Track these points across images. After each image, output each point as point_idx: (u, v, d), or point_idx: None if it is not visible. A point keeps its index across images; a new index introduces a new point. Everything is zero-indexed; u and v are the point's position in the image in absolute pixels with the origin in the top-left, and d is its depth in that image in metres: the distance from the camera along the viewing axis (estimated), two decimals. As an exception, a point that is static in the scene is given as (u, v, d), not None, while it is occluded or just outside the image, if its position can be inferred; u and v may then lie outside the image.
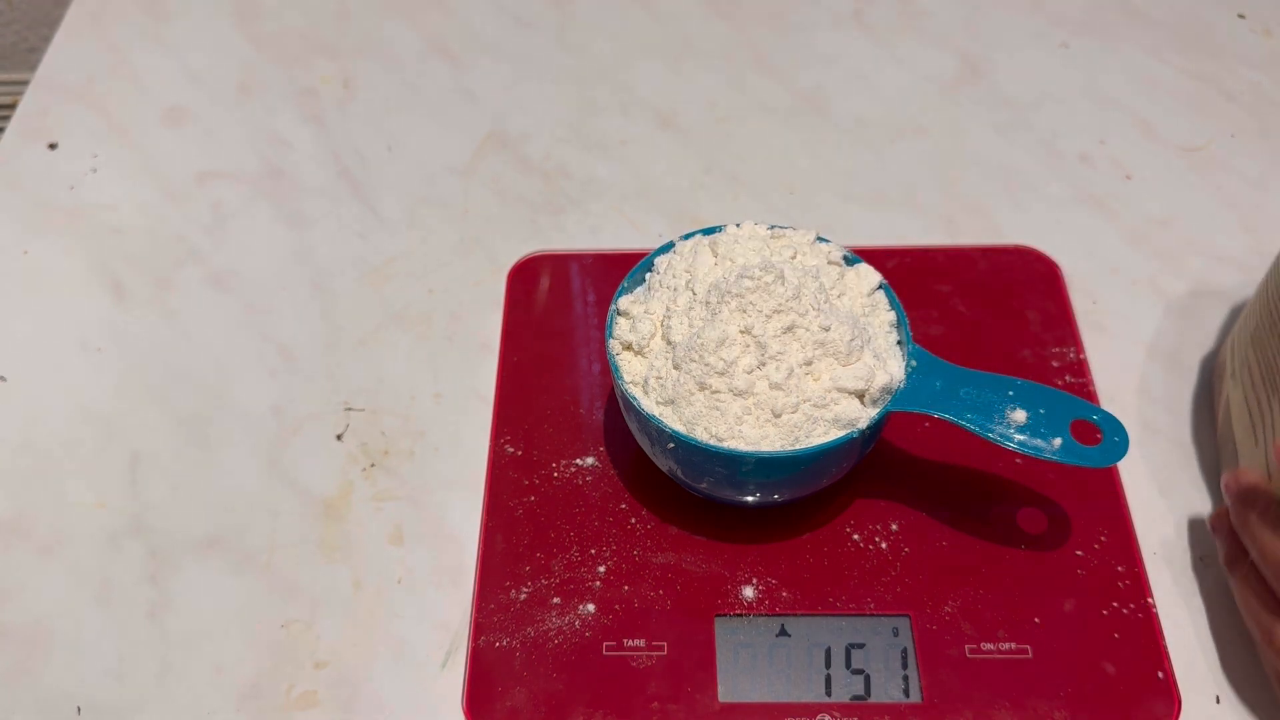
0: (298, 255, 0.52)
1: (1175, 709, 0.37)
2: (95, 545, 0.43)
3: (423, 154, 0.56)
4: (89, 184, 0.55)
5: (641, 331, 0.38)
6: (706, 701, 0.37)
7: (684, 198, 0.54)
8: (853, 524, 0.41)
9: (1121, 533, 0.41)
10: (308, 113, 0.58)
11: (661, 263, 0.40)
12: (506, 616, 0.40)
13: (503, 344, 0.47)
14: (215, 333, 0.49)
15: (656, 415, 0.37)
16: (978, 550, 0.41)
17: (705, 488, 0.39)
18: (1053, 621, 0.39)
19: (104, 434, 0.46)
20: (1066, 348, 0.46)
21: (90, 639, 0.40)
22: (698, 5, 0.63)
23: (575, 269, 0.50)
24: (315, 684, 0.39)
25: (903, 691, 0.37)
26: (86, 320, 0.50)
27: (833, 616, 0.39)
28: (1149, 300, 0.49)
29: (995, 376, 0.39)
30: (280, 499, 0.44)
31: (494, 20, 0.63)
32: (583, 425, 0.45)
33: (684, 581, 0.40)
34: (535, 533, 0.42)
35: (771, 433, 0.36)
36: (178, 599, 0.41)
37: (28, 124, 0.58)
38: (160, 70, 0.61)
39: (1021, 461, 0.42)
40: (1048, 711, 0.37)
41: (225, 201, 0.54)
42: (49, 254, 0.52)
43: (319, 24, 0.63)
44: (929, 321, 0.47)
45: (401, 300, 0.50)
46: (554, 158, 0.56)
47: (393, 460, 0.45)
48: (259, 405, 0.46)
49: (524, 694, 0.38)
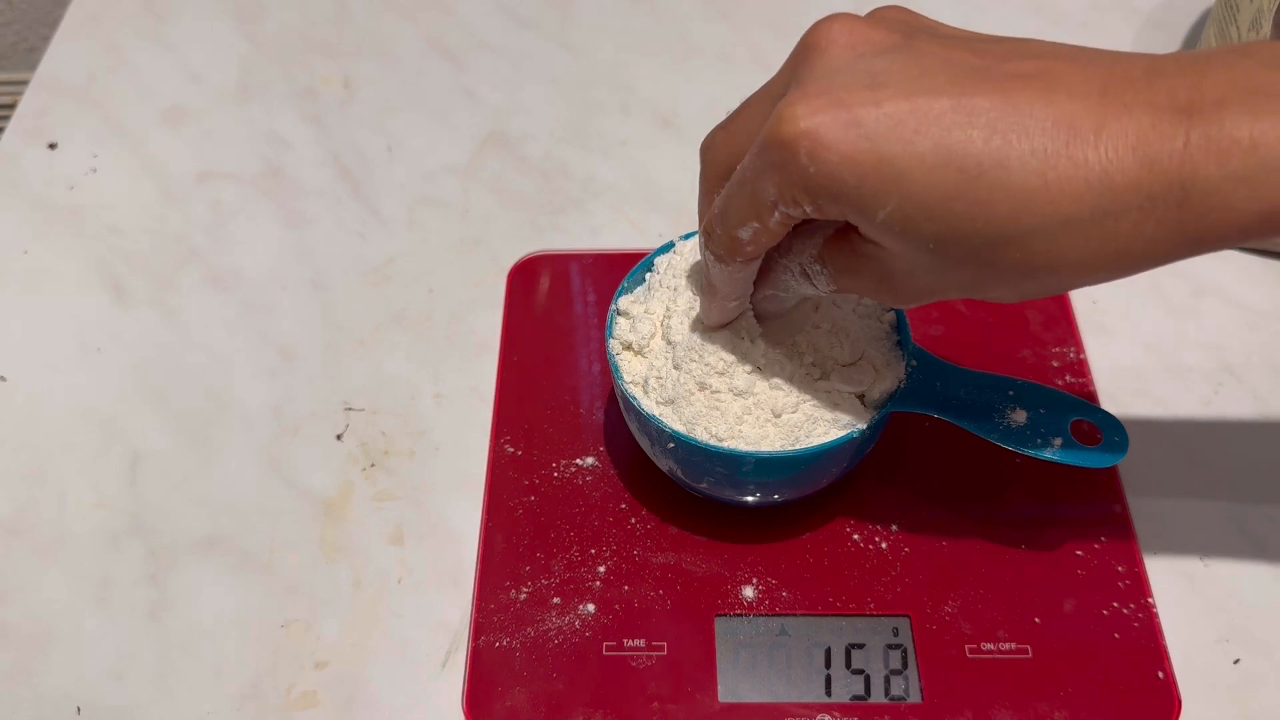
0: (298, 255, 0.52)
1: (1175, 709, 0.37)
2: (95, 545, 0.43)
3: (423, 154, 0.56)
4: (89, 184, 0.55)
5: (641, 331, 0.38)
6: (706, 701, 0.37)
7: (684, 198, 0.54)
8: (853, 524, 0.41)
9: (1121, 533, 0.41)
10: (308, 113, 0.58)
11: (661, 263, 0.40)
12: (506, 616, 0.40)
13: (503, 344, 0.48)
14: (215, 333, 0.49)
15: (656, 415, 0.37)
16: (978, 550, 0.41)
17: (705, 488, 0.39)
18: (1053, 621, 0.39)
19: (104, 434, 0.46)
20: (1066, 348, 0.46)
21: (90, 639, 0.40)
22: (698, 5, 0.63)
23: (575, 269, 0.50)
24: (315, 684, 0.39)
25: (903, 691, 0.37)
26: (86, 320, 0.50)
27: (833, 616, 0.39)
28: (1149, 300, 0.49)
29: (995, 376, 0.39)
30: (280, 499, 0.44)
31: (494, 20, 0.63)
32: (583, 425, 0.45)
33: (684, 581, 0.40)
34: (535, 533, 0.42)
35: (771, 433, 0.36)
36: (178, 599, 0.41)
37: (27, 124, 0.58)
38: (160, 70, 0.61)
39: (1021, 461, 0.42)
40: (1048, 711, 0.37)
41: (225, 201, 0.54)
42: (49, 254, 0.52)
43: (319, 24, 0.63)
44: (929, 321, 0.47)
45: (401, 300, 0.50)
46: (554, 158, 0.56)
47: (393, 460, 0.45)
48: (259, 405, 0.46)
49: (524, 694, 0.38)
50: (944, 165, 0.26)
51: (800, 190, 0.28)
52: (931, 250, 0.28)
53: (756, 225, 0.30)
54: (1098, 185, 0.26)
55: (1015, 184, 0.26)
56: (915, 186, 0.27)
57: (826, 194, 0.28)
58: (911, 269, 0.29)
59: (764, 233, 0.30)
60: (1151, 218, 0.26)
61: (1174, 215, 0.25)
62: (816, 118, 0.27)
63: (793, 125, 0.27)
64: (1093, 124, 0.26)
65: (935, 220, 0.27)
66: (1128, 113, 0.26)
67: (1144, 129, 0.25)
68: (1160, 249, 0.26)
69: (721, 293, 0.35)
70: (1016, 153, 0.26)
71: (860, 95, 0.27)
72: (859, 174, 0.27)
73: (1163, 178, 0.25)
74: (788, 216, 0.29)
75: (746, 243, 0.31)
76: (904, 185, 0.27)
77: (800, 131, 0.27)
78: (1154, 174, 0.25)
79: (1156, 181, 0.25)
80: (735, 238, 0.31)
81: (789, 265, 0.34)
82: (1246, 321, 0.48)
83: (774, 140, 0.28)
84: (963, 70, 0.27)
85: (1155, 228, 0.26)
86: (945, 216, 0.27)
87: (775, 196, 0.29)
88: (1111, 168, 0.25)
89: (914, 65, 0.28)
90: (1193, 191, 0.25)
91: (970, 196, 0.26)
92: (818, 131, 0.27)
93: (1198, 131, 0.25)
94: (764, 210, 0.30)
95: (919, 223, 0.27)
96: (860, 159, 0.27)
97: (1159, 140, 0.25)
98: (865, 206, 0.28)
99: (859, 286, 0.32)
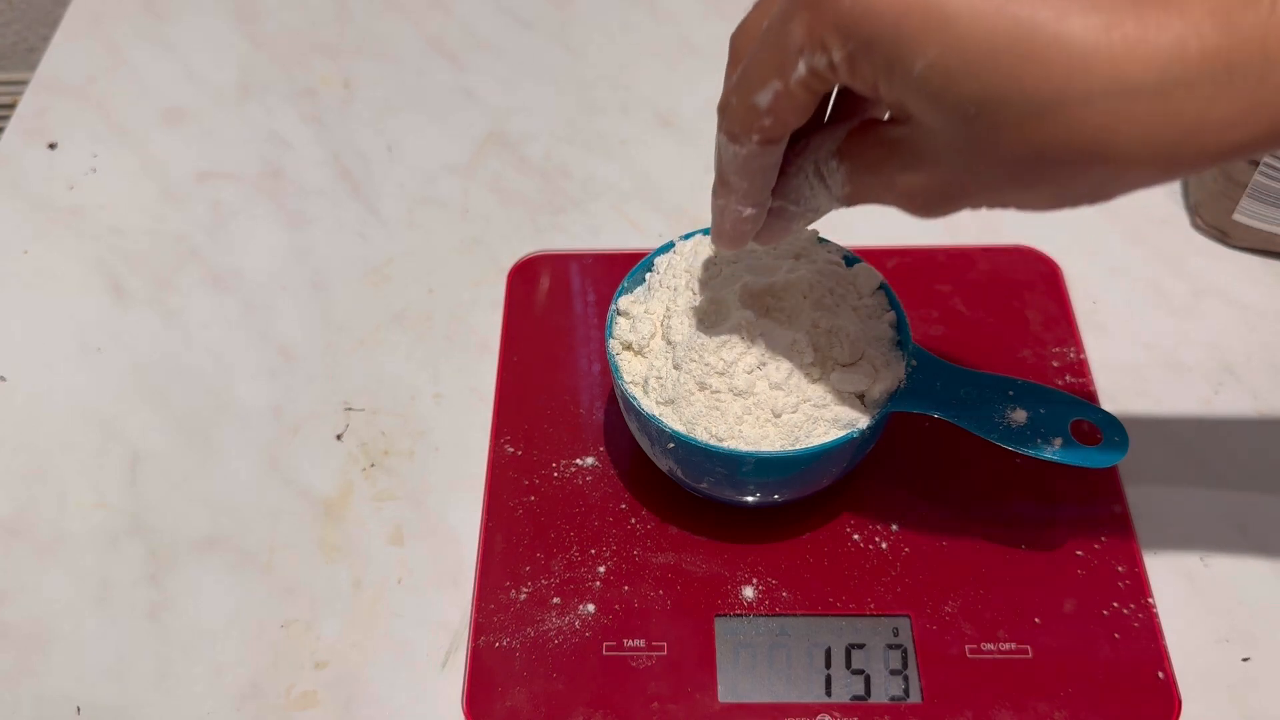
0: (298, 255, 0.52)
1: (1175, 709, 0.37)
2: (95, 545, 0.43)
3: (423, 154, 0.56)
4: (89, 184, 0.55)
5: (641, 331, 0.38)
6: (706, 702, 0.37)
7: (684, 198, 0.54)
8: (853, 524, 0.41)
9: (1121, 533, 0.41)
10: (308, 113, 0.58)
11: (661, 263, 0.40)
12: (506, 616, 0.40)
13: (503, 344, 0.48)
14: (215, 333, 0.49)
15: (656, 415, 0.37)
16: (978, 550, 0.41)
17: (705, 488, 0.39)
18: (1053, 621, 0.39)
19: (104, 434, 0.46)
20: (1066, 348, 0.46)
21: (90, 639, 0.40)
22: (698, 5, 0.63)
23: (575, 269, 0.50)
24: (315, 684, 0.39)
25: (903, 691, 0.37)
26: (86, 320, 0.50)
27: (833, 617, 0.39)
28: (1149, 300, 0.49)
29: (995, 376, 0.39)
30: (280, 499, 0.44)
31: (494, 20, 0.63)
32: (583, 425, 0.45)
33: (684, 581, 0.40)
34: (535, 533, 0.42)
35: (771, 433, 0.36)
36: (178, 599, 0.41)
37: (27, 124, 0.58)
38: (160, 70, 0.61)
39: (1021, 461, 0.42)
40: (1048, 711, 0.37)
41: (225, 201, 0.54)
42: (49, 254, 0.52)
43: (319, 24, 0.63)
44: (929, 321, 0.47)
45: (401, 300, 0.50)
46: (554, 158, 0.56)
47: (393, 460, 0.45)
48: (259, 405, 0.46)
49: (524, 694, 0.38)
50: (996, 12, 0.23)
51: (832, 30, 0.25)
52: (971, 119, 0.25)
53: (778, 85, 0.27)
54: (1169, 50, 0.22)
55: (1075, 39, 0.23)
56: (961, 33, 0.23)
57: (860, 35, 0.25)
58: (940, 154, 0.26)
59: (785, 96, 0.27)
60: (1227, 92, 0.22)
61: (1254, 91, 0.22)
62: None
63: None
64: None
65: (979, 77, 0.24)
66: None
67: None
68: (1233, 134, 0.23)
69: (735, 187, 0.31)
70: (1078, 4, 0.23)
71: None
72: (900, 11, 0.24)
73: (1244, 45, 0.22)
74: (813, 74, 0.26)
75: (765, 112, 0.28)
76: (949, 31, 0.24)
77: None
78: (1234, 41, 0.22)
79: (1236, 49, 0.22)
80: (752, 105, 0.28)
81: (804, 165, 0.31)
82: (1246, 321, 0.48)
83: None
84: None
85: (1230, 105, 0.23)
86: (992, 73, 0.24)
87: (803, 40, 0.26)
88: (1186, 31, 0.22)
89: None
90: (1278, 64, 0.22)
91: (1022, 50, 0.23)
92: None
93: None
94: (788, 61, 0.26)
95: (961, 79, 0.24)
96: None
97: (1242, 4, 0.22)
98: (903, 54, 0.24)
99: (878, 187, 0.29)
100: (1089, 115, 0.23)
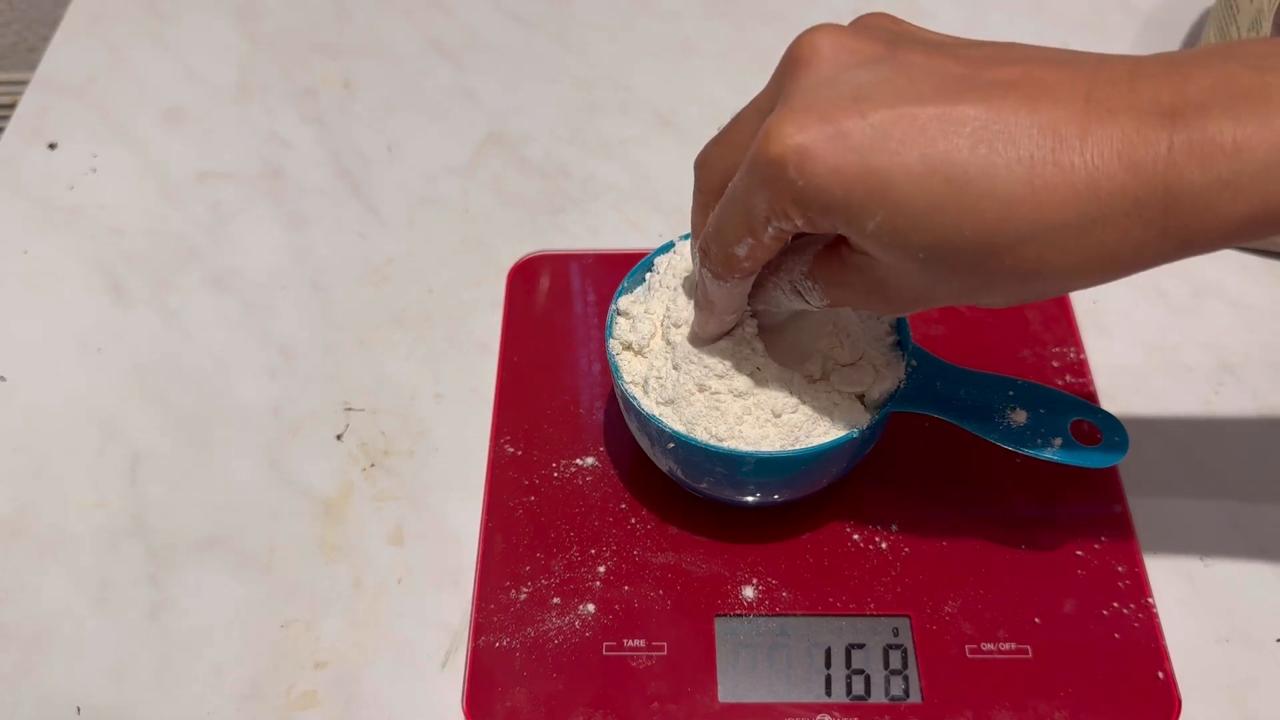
0: (298, 255, 0.52)
1: (1175, 709, 0.37)
2: (95, 545, 0.43)
3: (423, 154, 0.56)
4: (89, 184, 0.55)
5: (641, 331, 0.38)
6: (706, 702, 0.37)
7: (684, 198, 0.53)
8: (853, 524, 0.41)
9: (1121, 533, 0.41)
10: (308, 113, 0.58)
11: (661, 263, 0.40)
12: (506, 616, 0.40)
13: (503, 344, 0.48)
14: (215, 333, 0.49)
15: (656, 415, 0.37)
16: (978, 550, 0.41)
17: (705, 488, 0.39)
18: (1053, 621, 0.39)
19: (104, 434, 0.46)
20: (1066, 348, 0.46)
21: (90, 639, 0.40)
22: (698, 5, 0.63)
23: (575, 269, 0.50)
24: (315, 684, 0.39)
25: (903, 691, 0.37)
26: (86, 320, 0.50)
27: (832, 617, 0.39)
28: (1149, 300, 0.49)
29: (995, 376, 0.39)
30: (280, 499, 0.44)
31: (494, 20, 0.63)
32: (583, 425, 0.45)
33: (684, 581, 0.40)
34: (535, 533, 0.42)
35: (771, 433, 0.36)
36: (178, 599, 0.41)
37: (27, 124, 0.58)
38: (160, 70, 0.61)
39: (1021, 461, 0.42)
40: (1048, 711, 0.37)
41: (225, 201, 0.54)
42: (49, 254, 0.52)
43: (319, 24, 0.63)
44: (929, 321, 0.47)
45: (401, 300, 0.50)
46: (554, 158, 0.56)
47: (393, 460, 0.45)
48: (259, 405, 0.46)
49: (524, 694, 0.38)
50: (930, 175, 0.26)
51: (791, 204, 0.28)
52: (921, 260, 0.28)
53: (751, 241, 0.30)
54: (1084, 192, 0.25)
55: (1002, 192, 0.26)
56: (902, 196, 0.27)
57: (816, 207, 0.28)
58: (902, 278, 0.29)
59: (759, 248, 0.31)
60: (1138, 223, 0.26)
61: (1160, 220, 0.25)
62: (803, 133, 0.27)
63: (780, 142, 0.27)
64: (1078, 130, 0.26)
65: (924, 230, 0.27)
66: (1112, 118, 0.25)
67: (1128, 134, 0.25)
68: (1148, 253, 0.26)
69: (719, 308, 0.35)
70: (1003, 160, 0.26)
71: (845, 108, 0.27)
72: (846, 186, 0.27)
73: (1148, 183, 0.25)
74: (781, 231, 0.30)
75: (743, 259, 0.31)
76: (891, 195, 0.27)
77: (787, 148, 0.27)
78: (1139, 179, 0.25)
79: (1142, 187, 0.25)
80: (731, 254, 0.31)
81: (779, 283, 0.34)
82: (1246, 321, 0.48)
83: (762, 157, 0.28)
84: (947, 78, 0.27)
85: (1142, 232, 0.26)
86: (933, 226, 0.27)
87: (767, 211, 0.29)
88: (1097, 174, 0.25)
89: (898, 75, 0.28)
90: (1178, 196, 0.25)
91: (958, 205, 0.26)
92: (804, 146, 0.27)
93: (1181, 136, 0.25)
94: (758, 225, 0.30)
95: (907, 233, 0.27)
96: (847, 171, 0.27)
97: (1143, 145, 0.25)
98: (854, 218, 0.28)
99: (851, 298, 0.32)
100: (1025, 250, 0.27)
